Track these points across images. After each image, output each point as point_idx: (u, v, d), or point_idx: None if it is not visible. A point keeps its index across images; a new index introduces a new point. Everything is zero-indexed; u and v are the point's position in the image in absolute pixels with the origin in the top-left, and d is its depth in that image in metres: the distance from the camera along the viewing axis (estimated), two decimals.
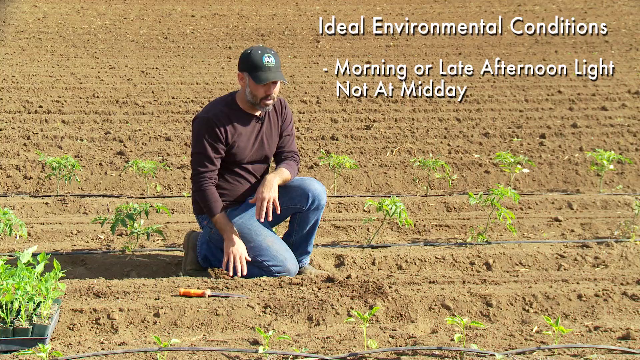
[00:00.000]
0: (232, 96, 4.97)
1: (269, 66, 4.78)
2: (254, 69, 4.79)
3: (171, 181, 7.53)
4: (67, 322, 4.18)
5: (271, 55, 4.80)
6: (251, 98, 4.85)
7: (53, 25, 13.87)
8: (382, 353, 3.80)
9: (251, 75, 4.80)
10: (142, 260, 5.29)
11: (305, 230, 5.04)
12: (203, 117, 4.86)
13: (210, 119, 4.83)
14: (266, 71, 4.78)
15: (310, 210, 4.98)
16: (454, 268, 5.26)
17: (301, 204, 4.97)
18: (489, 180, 7.72)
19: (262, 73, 4.78)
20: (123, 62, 11.86)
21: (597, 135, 8.78)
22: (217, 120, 4.83)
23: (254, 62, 4.79)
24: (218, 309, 4.29)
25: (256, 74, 4.78)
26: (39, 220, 6.27)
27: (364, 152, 8.28)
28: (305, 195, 4.95)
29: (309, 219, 5.02)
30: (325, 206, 5.07)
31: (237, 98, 4.95)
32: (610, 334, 4.09)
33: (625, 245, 5.53)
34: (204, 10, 15.09)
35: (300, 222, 5.03)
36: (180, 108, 9.76)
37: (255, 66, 4.79)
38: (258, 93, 4.83)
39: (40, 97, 10.06)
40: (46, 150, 8.25)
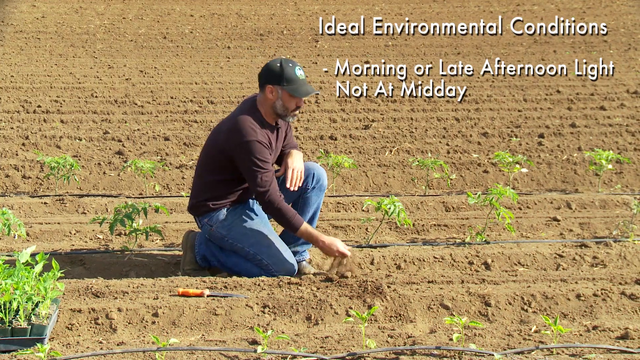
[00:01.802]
0: (256, 110, 4.95)
1: (302, 79, 4.91)
2: (289, 82, 4.86)
3: (170, 181, 7.52)
4: (65, 322, 4.17)
5: (301, 68, 4.94)
6: (282, 111, 4.92)
7: (52, 25, 13.87)
8: (380, 353, 3.80)
9: (287, 88, 4.86)
10: (140, 260, 5.29)
11: (308, 215, 5.11)
12: (251, 140, 4.83)
13: (260, 142, 4.85)
14: (303, 84, 4.90)
15: (313, 190, 5.09)
16: (453, 268, 5.26)
17: (306, 182, 5.08)
18: (487, 180, 7.72)
19: (300, 86, 4.88)
20: (122, 62, 11.86)
21: (596, 135, 8.78)
22: (263, 137, 4.87)
23: (289, 75, 4.86)
24: (217, 309, 4.29)
25: (293, 87, 4.86)
26: (37, 220, 6.26)
27: (362, 152, 8.28)
28: (311, 174, 5.10)
29: (312, 201, 5.11)
30: (326, 188, 5.15)
31: (263, 112, 4.95)
32: (609, 333, 4.09)
33: (624, 244, 5.53)
34: (203, 10, 15.09)
35: (303, 205, 5.11)
36: (179, 108, 9.76)
37: (291, 79, 4.87)
38: (290, 105, 4.91)
39: (38, 96, 10.05)
40: (45, 150, 8.24)
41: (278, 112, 4.93)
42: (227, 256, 5.01)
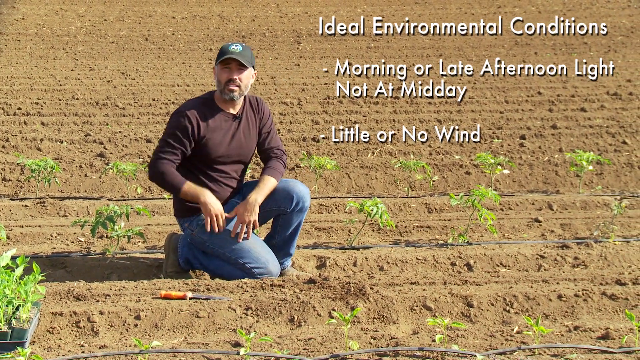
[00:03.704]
0: (210, 94, 5.06)
1: (232, 51, 4.90)
2: (220, 56, 4.92)
3: (152, 183, 7.50)
4: (46, 326, 4.14)
5: (239, 45, 4.94)
6: (218, 86, 4.96)
7: (32, 27, 13.77)
8: (363, 354, 3.80)
9: (217, 62, 4.93)
10: (122, 262, 5.26)
11: (288, 232, 5.04)
12: (178, 111, 4.94)
13: (182, 112, 4.90)
14: (228, 54, 4.89)
15: (294, 212, 4.99)
16: (435, 269, 5.28)
17: (285, 206, 4.97)
18: (469, 181, 7.75)
19: (223, 54, 4.90)
20: (103, 64, 11.80)
21: (577, 137, 8.84)
22: (189, 114, 4.88)
23: (221, 50, 4.94)
24: (199, 311, 4.28)
25: (220, 60, 4.91)
26: (18, 222, 6.22)
27: (345, 154, 8.28)
28: (290, 197, 4.96)
29: (292, 220, 5.01)
30: (308, 207, 5.08)
31: (215, 96, 5.03)
32: (590, 333, 4.12)
33: (605, 245, 5.57)
34: (185, 11, 15.05)
35: (283, 224, 5.03)
36: (160, 110, 9.72)
37: (221, 53, 4.92)
38: (222, 78, 4.92)
39: (19, 98, 9.98)
40: (25, 152, 8.19)
41: (218, 91, 4.96)
42: (210, 259, 5.00)
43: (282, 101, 10.02)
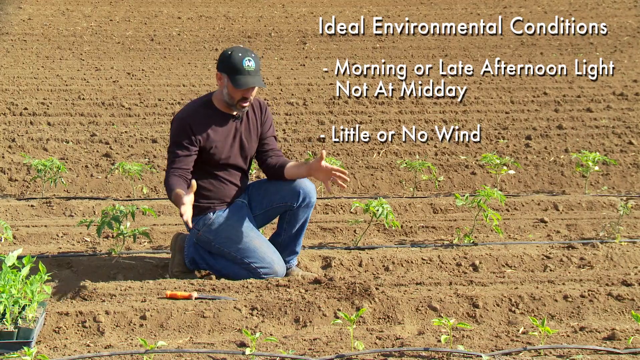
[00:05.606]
0: (209, 96, 4.98)
1: (248, 70, 4.77)
2: (233, 71, 4.78)
3: (157, 183, 7.51)
4: (52, 325, 4.15)
5: (251, 59, 4.79)
6: (228, 99, 4.86)
7: (38, 27, 13.80)
8: (369, 354, 3.80)
9: (230, 78, 4.79)
10: (128, 262, 5.27)
11: (295, 229, 5.04)
12: (178, 117, 4.88)
13: (185, 119, 4.85)
14: (245, 75, 4.77)
15: (300, 208, 4.99)
16: (441, 269, 5.27)
17: (292, 201, 4.98)
18: (475, 181, 7.74)
19: (242, 77, 4.76)
20: (109, 64, 11.82)
21: (583, 137, 8.82)
22: (191, 121, 4.84)
23: (234, 64, 4.77)
24: (205, 311, 4.28)
25: (235, 78, 4.77)
26: (24, 222, 6.23)
27: (350, 154, 8.28)
28: (296, 193, 4.96)
29: (299, 217, 5.02)
30: (315, 204, 5.09)
31: (214, 98, 4.95)
32: (596, 334, 4.11)
33: (611, 246, 5.56)
34: (190, 12, 15.06)
35: (289, 221, 5.03)
36: (166, 110, 9.74)
37: (235, 69, 4.77)
38: (235, 96, 4.83)
39: (25, 99, 10.01)
40: (31, 152, 8.21)
41: (226, 100, 4.87)
42: (216, 259, 5.00)
43: (287, 101, 10.02)
